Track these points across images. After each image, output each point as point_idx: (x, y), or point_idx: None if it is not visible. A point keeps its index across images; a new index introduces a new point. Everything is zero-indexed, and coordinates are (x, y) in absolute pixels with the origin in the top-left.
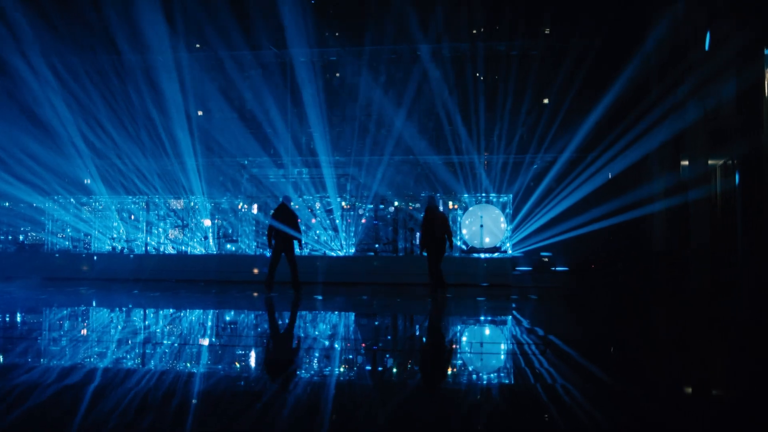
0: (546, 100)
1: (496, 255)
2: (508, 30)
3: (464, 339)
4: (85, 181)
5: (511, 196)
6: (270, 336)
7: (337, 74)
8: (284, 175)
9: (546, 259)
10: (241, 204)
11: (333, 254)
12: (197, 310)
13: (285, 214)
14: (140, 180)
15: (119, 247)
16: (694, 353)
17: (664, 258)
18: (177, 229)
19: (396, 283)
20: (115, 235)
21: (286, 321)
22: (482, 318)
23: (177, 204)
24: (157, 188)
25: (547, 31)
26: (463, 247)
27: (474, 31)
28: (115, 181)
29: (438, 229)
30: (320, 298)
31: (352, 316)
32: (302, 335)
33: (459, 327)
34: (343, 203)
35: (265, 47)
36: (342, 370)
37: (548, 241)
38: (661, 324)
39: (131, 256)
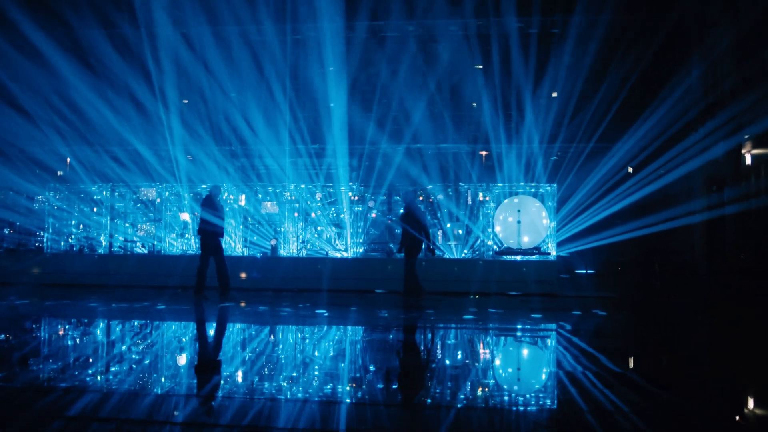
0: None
1: (534, 257)
2: (565, 5)
3: None
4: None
5: (555, 186)
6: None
7: (346, 53)
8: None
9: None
10: (226, 194)
11: (338, 256)
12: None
13: (212, 206)
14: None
15: (78, 246)
16: None
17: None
18: (148, 224)
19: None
20: (73, 231)
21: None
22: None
23: (148, 194)
24: (130, 176)
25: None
26: (494, 248)
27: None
28: (83, 168)
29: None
30: (323, 313)
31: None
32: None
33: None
34: (350, 194)
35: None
36: None
37: (591, 243)
38: None
39: (95, 255)
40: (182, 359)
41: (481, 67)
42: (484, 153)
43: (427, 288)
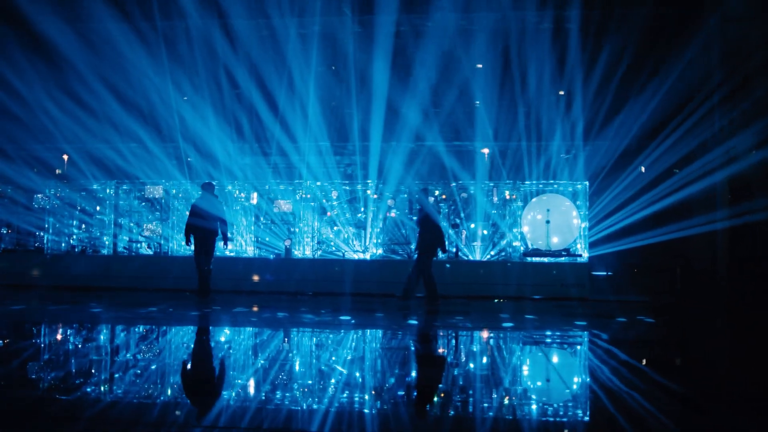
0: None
1: (563, 259)
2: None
3: None
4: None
5: (586, 183)
6: None
7: (359, 47)
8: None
9: None
10: (237, 191)
11: (355, 257)
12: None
13: (207, 204)
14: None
15: (79, 246)
16: None
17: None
18: (154, 223)
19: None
20: (75, 232)
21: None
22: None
23: (155, 191)
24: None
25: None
26: (521, 249)
27: None
28: (83, 164)
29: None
30: (348, 320)
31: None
32: None
33: None
34: (369, 192)
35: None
36: None
37: (613, 247)
38: None
39: (98, 257)
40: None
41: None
42: (482, 151)
43: (453, 292)
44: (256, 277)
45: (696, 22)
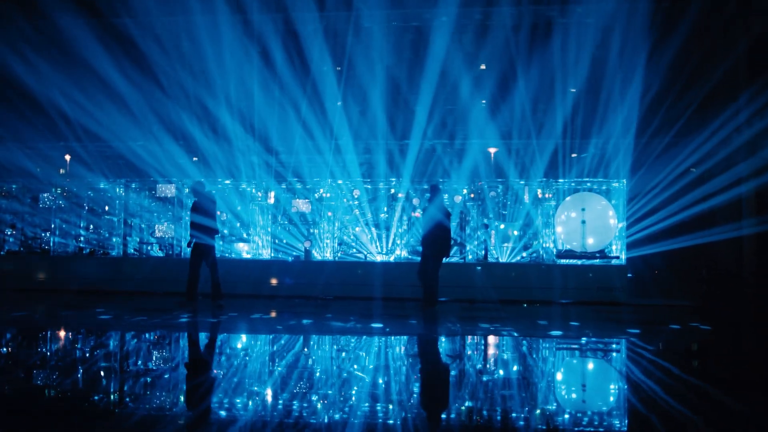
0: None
1: (597, 261)
2: None
3: None
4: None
5: (624, 181)
6: None
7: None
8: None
9: None
10: (253, 189)
11: (378, 260)
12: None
13: (201, 205)
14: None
15: (88, 248)
16: None
17: None
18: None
19: (466, 299)
20: (82, 233)
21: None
22: None
23: (166, 190)
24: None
25: None
26: (552, 250)
27: None
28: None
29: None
30: (382, 327)
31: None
32: None
33: None
34: (392, 191)
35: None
36: None
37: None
38: None
39: (107, 259)
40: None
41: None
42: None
43: (483, 296)
44: (274, 281)
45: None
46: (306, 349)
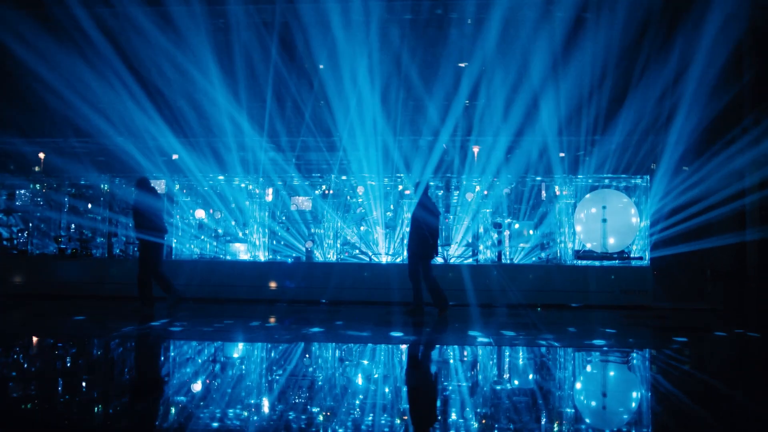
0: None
1: (616, 262)
2: None
3: None
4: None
5: (647, 177)
6: None
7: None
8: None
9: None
10: (251, 186)
11: (383, 261)
12: None
13: (150, 202)
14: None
15: (70, 249)
16: None
17: None
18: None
19: (479, 303)
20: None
21: None
22: None
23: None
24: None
25: None
26: (568, 250)
27: None
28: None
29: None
30: (406, 337)
31: None
32: None
33: None
34: (401, 188)
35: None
36: None
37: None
38: None
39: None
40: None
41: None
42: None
43: (498, 300)
44: (273, 284)
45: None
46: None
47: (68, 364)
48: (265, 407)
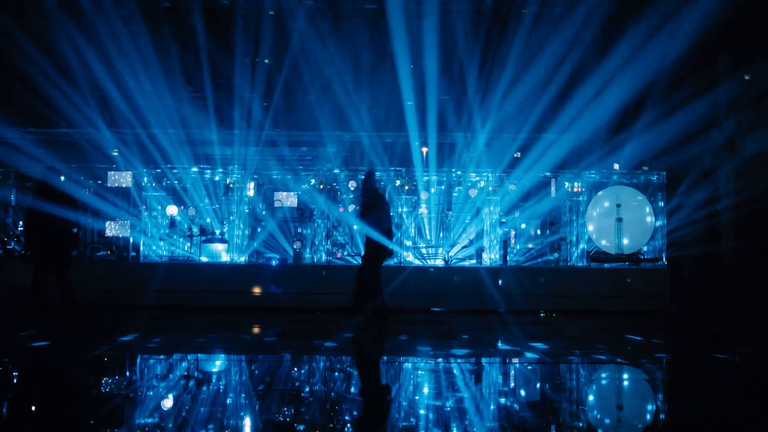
0: None
1: (634, 264)
2: None
3: None
4: None
5: (663, 174)
6: None
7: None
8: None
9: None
10: (228, 180)
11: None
12: None
13: (52, 196)
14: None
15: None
16: None
17: None
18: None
19: (483, 309)
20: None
21: None
22: None
23: (122, 179)
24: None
25: None
26: (575, 252)
27: None
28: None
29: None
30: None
31: None
32: None
33: None
34: (398, 182)
35: None
36: None
37: None
38: None
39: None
40: None
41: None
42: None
43: (506, 305)
44: (257, 289)
45: None
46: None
47: None
48: None
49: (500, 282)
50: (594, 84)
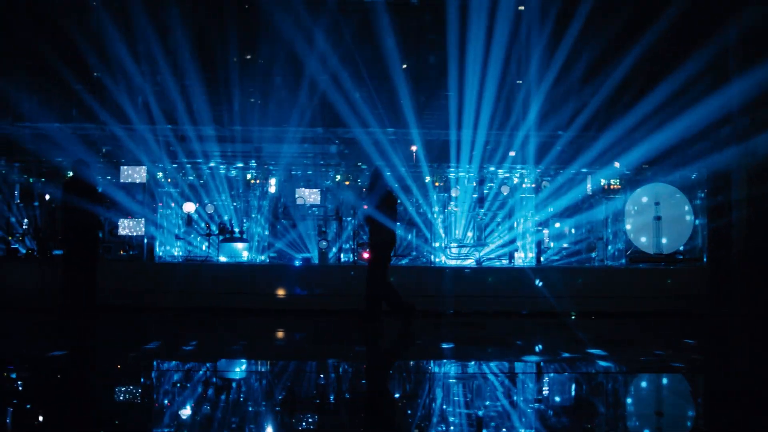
0: None
1: (673, 264)
2: None
3: None
4: None
5: (704, 171)
6: None
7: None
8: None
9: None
10: (250, 176)
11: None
12: None
13: (80, 191)
14: None
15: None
16: None
17: None
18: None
19: (515, 311)
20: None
21: None
22: None
23: (136, 175)
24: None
25: None
26: (611, 251)
27: None
28: None
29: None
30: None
31: None
32: None
33: None
34: (428, 179)
35: None
36: None
37: None
38: None
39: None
40: None
41: None
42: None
43: (540, 307)
44: (281, 291)
45: None
46: None
47: None
48: None
49: (538, 282)
50: (611, 82)
